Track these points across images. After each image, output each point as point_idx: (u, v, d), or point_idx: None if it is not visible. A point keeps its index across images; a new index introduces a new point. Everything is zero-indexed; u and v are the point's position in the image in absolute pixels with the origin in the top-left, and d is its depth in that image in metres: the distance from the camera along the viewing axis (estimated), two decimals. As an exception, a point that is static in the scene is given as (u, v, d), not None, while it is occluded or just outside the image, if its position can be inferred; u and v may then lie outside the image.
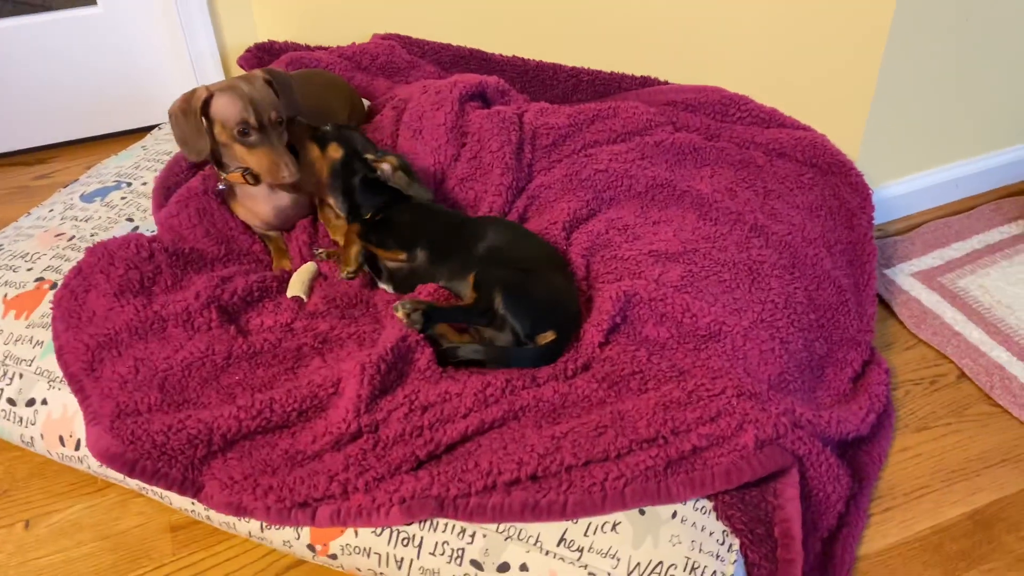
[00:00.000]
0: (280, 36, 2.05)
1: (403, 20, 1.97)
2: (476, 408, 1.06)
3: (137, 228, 1.44)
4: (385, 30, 1.97)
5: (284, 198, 1.40)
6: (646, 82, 1.81)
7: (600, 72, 1.83)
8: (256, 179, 1.34)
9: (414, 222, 1.30)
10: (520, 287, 1.16)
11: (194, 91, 1.30)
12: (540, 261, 1.26)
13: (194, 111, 1.28)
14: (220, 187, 1.40)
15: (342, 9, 2.02)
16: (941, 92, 1.66)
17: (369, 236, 1.27)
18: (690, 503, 1.00)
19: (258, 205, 1.39)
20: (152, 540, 1.18)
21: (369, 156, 1.32)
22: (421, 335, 1.14)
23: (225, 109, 1.28)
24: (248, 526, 1.07)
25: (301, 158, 1.33)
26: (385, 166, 1.31)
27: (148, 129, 2.16)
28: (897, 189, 1.75)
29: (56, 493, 1.25)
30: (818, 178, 1.54)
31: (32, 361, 1.21)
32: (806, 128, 1.63)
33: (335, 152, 1.33)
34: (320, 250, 1.38)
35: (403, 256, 1.27)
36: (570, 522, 0.97)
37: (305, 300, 1.28)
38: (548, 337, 1.15)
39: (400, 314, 1.14)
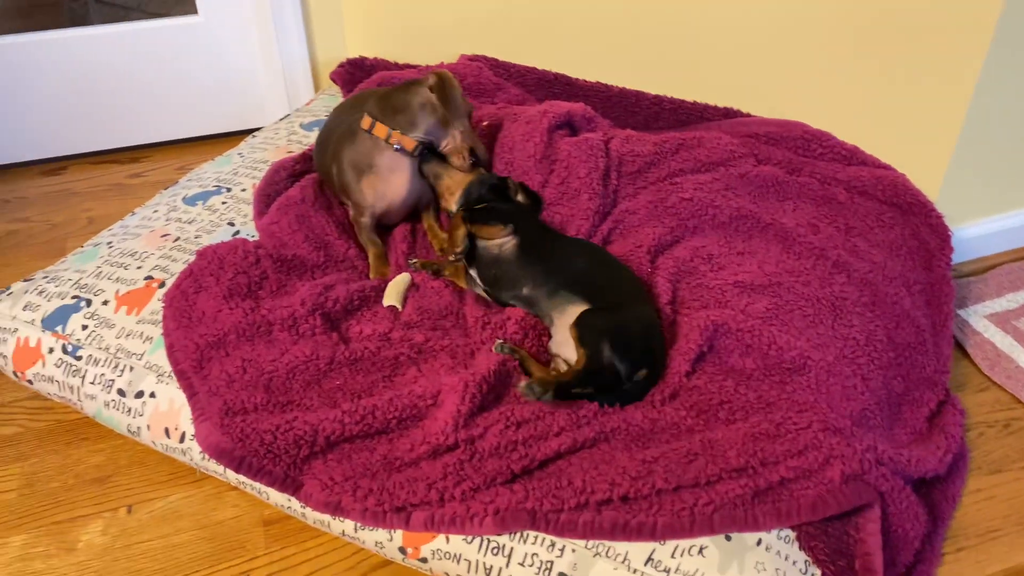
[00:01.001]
0: (369, 52, 2.12)
1: (490, 42, 2.03)
2: (568, 428, 1.10)
3: (238, 232, 1.51)
4: (472, 51, 2.03)
5: (419, 182, 1.49)
6: (728, 113, 1.84)
7: (683, 101, 1.87)
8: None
9: (513, 211, 1.40)
10: (623, 332, 1.19)
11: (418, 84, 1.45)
12: (627, 292, 1.30)
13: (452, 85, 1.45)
14: (396, 147, 1.45)
15: (431, 29, 2.09)
16: (1024, 137, 1.67)
17: (473, 217, 1.36)
18: (775, 532, 1.03)
19: (399, 179, 1.46)
20: (246, 532, 1.24)
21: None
22: (518, 362, 1.20)
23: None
24: (342, 525, 1.12)
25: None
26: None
27: (238, 134, 2.26)
28: (974, 230, 1.76)
29: (156, 482, 1.32)
30: (898, 217, 1.56)
31: (142, 355, 1.28)
32: (887, 167, 1.65)
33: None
34: (414, 260, 1.43)
35: (504, 231, 1.34)
36: (658, 543, 1.01)
37: (400, 310, 1.33)
38: (642, 374, 1.19)
39: (530, 396, 1.13)
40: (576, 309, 1.24)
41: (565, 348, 1.23)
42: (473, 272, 1.38)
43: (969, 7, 1.47)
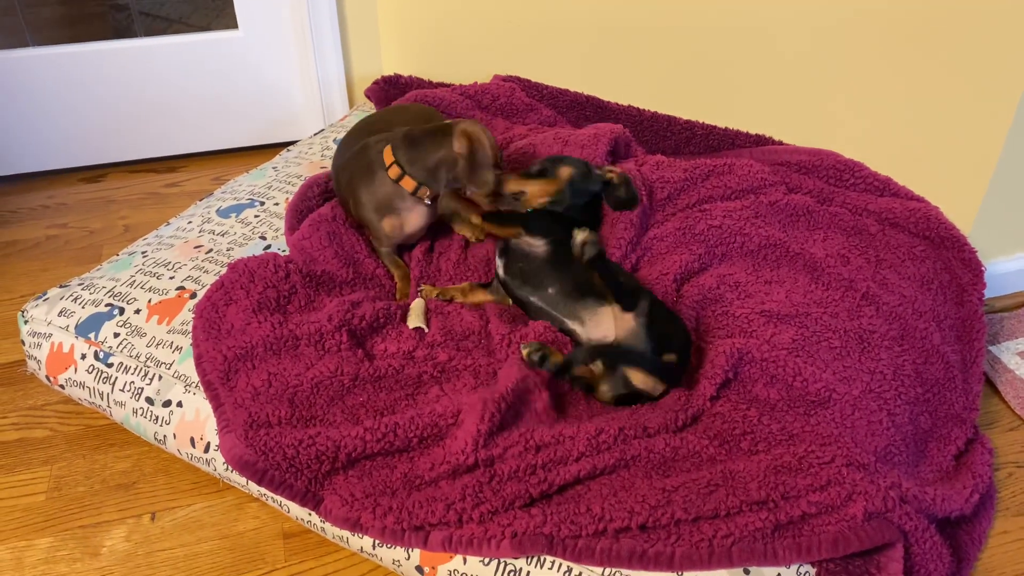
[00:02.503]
0: (404, 70, 2.14)
1: (523, 62, 2.04)
2: (588, 453, 1.10)
3: (269, 246, 1.53)
4: (506, 71, 2.05)
5: (431, 215, 1.50)
6: (760, 140, 1.83)
7: (715, 127, 1.86)
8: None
9: (548, 220, 1.44)
10: (658, 307, 1.30)
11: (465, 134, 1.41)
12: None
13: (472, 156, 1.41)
14: (427, 202, 1.46)
15: (465, 48, 2.11)
16: (1062, 173, 1.65)
17: (488, 216, 1.46)
18: (794, 567, 1.02)
19: (418, 216, 1.47)
20: (266, 544, 1.26)
21: None
22: (540, 377, 1.20)
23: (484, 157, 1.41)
24: (361, 542, 1.13)
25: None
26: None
27: (272, 147, 2.29)
28: (1009, 265, 1.74)
29: (180, 490, 1.34)
30: (930, 251, 1.55)
31: (171, 365, 1.30)
32: (920, 199, 1.63)
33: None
34: (423, 287, 1.44)
35: (518, 231, 1.41)
36: (675, 574, 1.00)
37: (426, 331, 1.34)
38: (670, 358, 1.24)
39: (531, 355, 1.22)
40: (608, 310, 1.30)
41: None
42: (500, 263, 1.42)
43: (1008, 38, 1.46)
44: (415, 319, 1.35)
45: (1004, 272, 1.74)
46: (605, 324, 1.30)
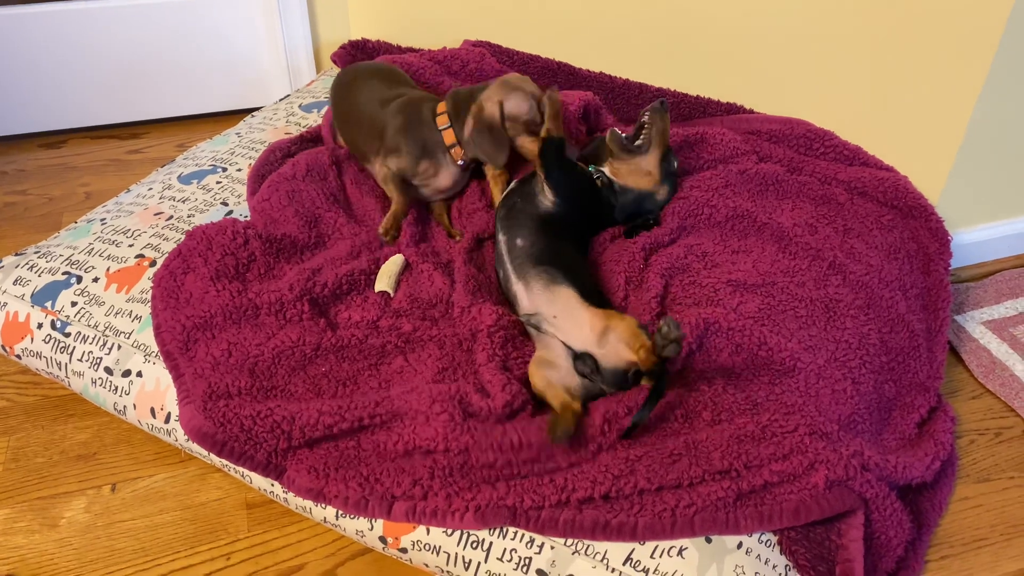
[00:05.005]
0: (372, 35, 2.10)
1: (494, 28, 2.01)
2: (571, 448, 1.09)
3: (231, 212, 1.50)
4: (476, 37, 2.01)
5: (460, 179, 1.54)
6: (731, 109, 1.82)
7: (686, 95, 1.85)
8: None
9: (579, 178, 1.43)
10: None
11: (481, 105, 1.43)
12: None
13: (495, 124, 1.42)
14: (460, 163, 1.50)
15: (436, 13, 2.07)
16: (1030, 143, 1.66)
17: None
18: (756, 536, 1.02)
19: (445, 175, 1.50)
20: (229, 515, 1.24)
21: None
22: (507, 373, 1.17)
23: (518, 108, 1.44)
24: (324, 512, 1.12)
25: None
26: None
27: (238, 112, 2.25)
28: (974, 235, 1.74)
29: (141, 461, 1.32)
30: (898, 220, 1.55)
31: (130, 334, 1.28)
32: (889, 169, 1.63)
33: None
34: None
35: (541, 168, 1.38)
36: (638, 543, 1.00)
37: (392, 295, 1.32)
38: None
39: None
40: (569, 292, 1.23)
41: (550, 324, 1.22)
42: (512, 185, 1.44)
43: (975, 14, 1.45)
44: (383, 282, 1.33)
45: (970, 242, 1.74)
46: (557, 304, 1.23)
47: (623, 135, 1.45)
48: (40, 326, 1.32)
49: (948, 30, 1.51)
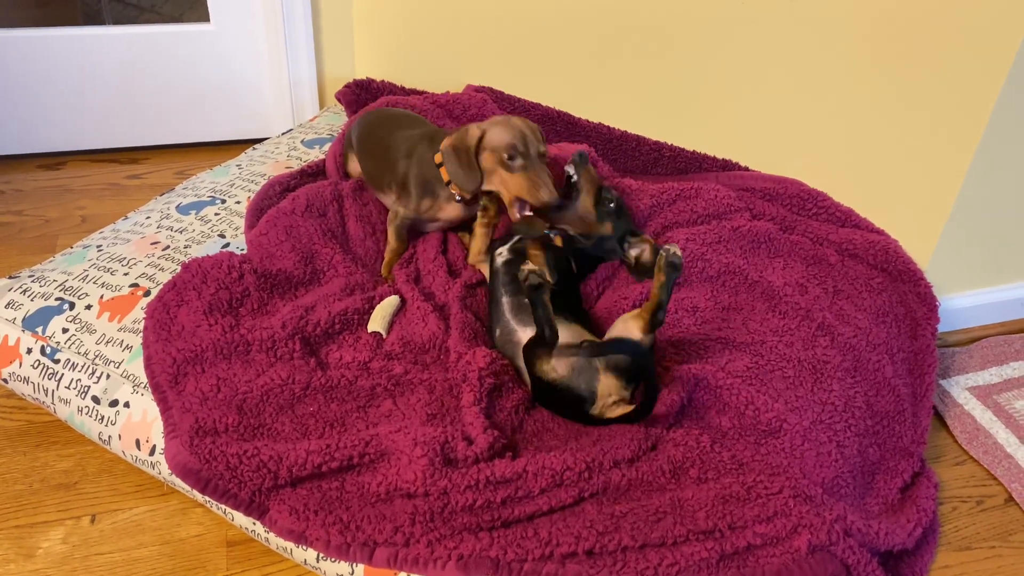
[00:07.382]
0: (377, 73, 2.13)
1: (497, 73, 2.04)
2: (549, 488, 1.08)
3: (228, 245, 1.51)
4: (479, 81, 2.04)
5: (468, 210, 1.53)
6: (726, 165, 1.85)
7: (683, 150, 1.87)
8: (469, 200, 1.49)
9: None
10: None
11: (467, 129, 1.43)
12: None
13: (467, 148, 1.41)
14: (458, 199, 1.50)
15: (441, 56, 2.10)
16: (1018, 213, 1.68)
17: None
18: (737, 597, 1.02)
19: (448, 209, 1.52)
20: (209, 552, 1.23)
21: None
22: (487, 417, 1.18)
23: (498, 137, 1.40)
24: (305, 554, 1.12)
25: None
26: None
27: (239, 143, 2.26)
28: (963, 301, 1.77)
29: (123, 492, 1.31)
30: (887, 283, 1.57)
31: (120, 364, 1.28)
32: (880, 232, 1.66)
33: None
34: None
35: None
36: (619, 600, 1.00)
37: (384, 336, 1.33)
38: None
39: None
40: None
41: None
42: (504, 254, 1.43)
43: (971, 79, 1.49)
44: (376, 323, 1.34)
45: (958, 308, 1.76)
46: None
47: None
48: (30, 351, 1.32)
49: (943, 97, 1.54)
